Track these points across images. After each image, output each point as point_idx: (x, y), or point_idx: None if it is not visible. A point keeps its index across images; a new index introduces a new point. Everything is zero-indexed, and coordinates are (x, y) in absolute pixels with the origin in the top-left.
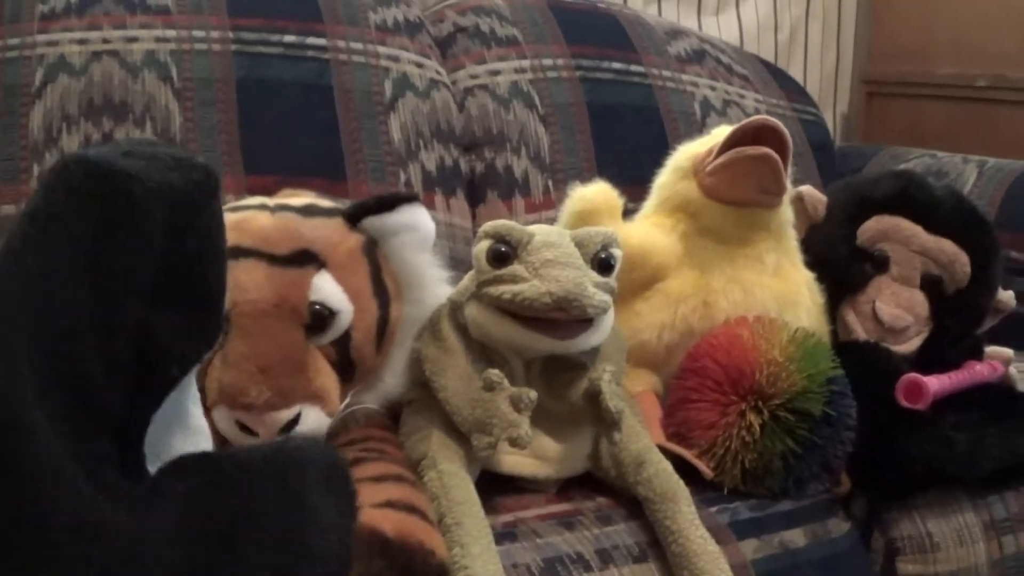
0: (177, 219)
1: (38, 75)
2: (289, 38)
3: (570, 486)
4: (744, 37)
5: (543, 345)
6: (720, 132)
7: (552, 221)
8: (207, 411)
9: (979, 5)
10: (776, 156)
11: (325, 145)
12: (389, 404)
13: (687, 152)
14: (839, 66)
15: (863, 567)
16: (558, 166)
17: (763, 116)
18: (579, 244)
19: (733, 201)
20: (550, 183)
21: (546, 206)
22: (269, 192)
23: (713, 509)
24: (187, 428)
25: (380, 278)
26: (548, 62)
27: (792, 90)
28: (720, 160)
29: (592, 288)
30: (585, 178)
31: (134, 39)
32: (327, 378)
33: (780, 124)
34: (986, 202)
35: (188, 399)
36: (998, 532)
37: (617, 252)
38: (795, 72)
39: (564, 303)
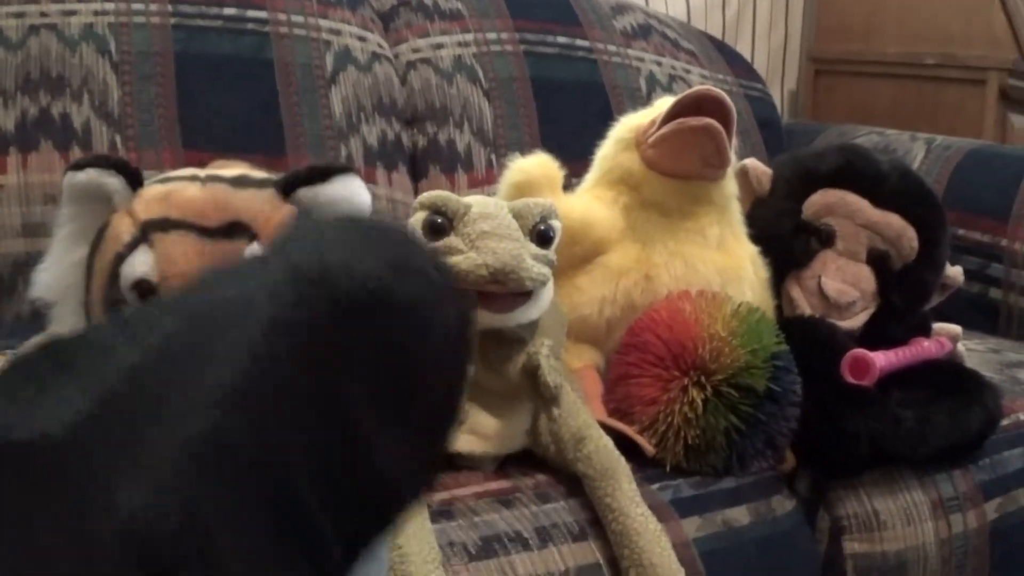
0: (413, 317)
1: None
2: (229, 11)
3: (508, 463)
4: (691, 13)
5: (480, 319)
6: (663, 103)
7: (495, 196)
8: None
9: None
10: (719, 127)
11: (264, 119)
12: None
13: (629, 124)
14: (787, 43)
15: (808, 546)
16: (501, 141)
17: (706, 87)
18: (517, 216)
19: (675, 173)
20: (493, 158)
21: (489, 181)
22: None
23: (655, 486)
24: (375, 559)
25: None
26: (492, 36)
27: (739, 66)
28: (662, 131)
29: (530, 260)
30: (528, 153)
31: (72, 12)
32: None
33: (723, 94)
34: (933, 180)
35: None
36: (946, 511)
37: (556, 224)
38: (742, 49)
39: (501, 275)
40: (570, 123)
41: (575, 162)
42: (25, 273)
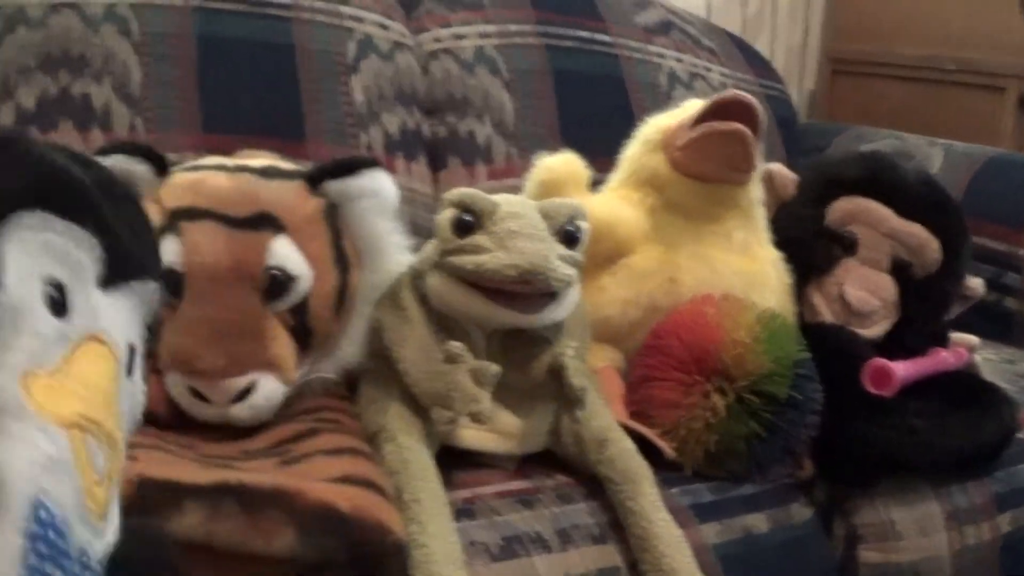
0: None
1: None
2: None
3: (529, 463)
4: (711, 9)
5: (506, 318)
6: (691, 105)
7: (514, 189)
8: (159, 375)
9: None
10: (748, 132)
11: (284, 105)
12: (345, 373)
13: (657, 125)
14: (806, 42)
15: (824, 553)
16: (521, 133)
17: (737, 91)
18: (545, 215)
19: (702, 176)
20: (513, 150)
21: (508, 173)
22: (225, 151)
23: (674, 491)
24: None
25: (340, 244)
26: (514, 28)
27: (758, 65)
28: (691, 135)
29: (557, 261)
30: (548, 146)
31: None
32: (283, 346)
33: (753, 100)
34: (951, 186)
35: None
36: (959, 522)
37: (584, 225)
38: (761, 47)
39: (528, 275)
40: (589, 118)
41: (594, 157)
42: None
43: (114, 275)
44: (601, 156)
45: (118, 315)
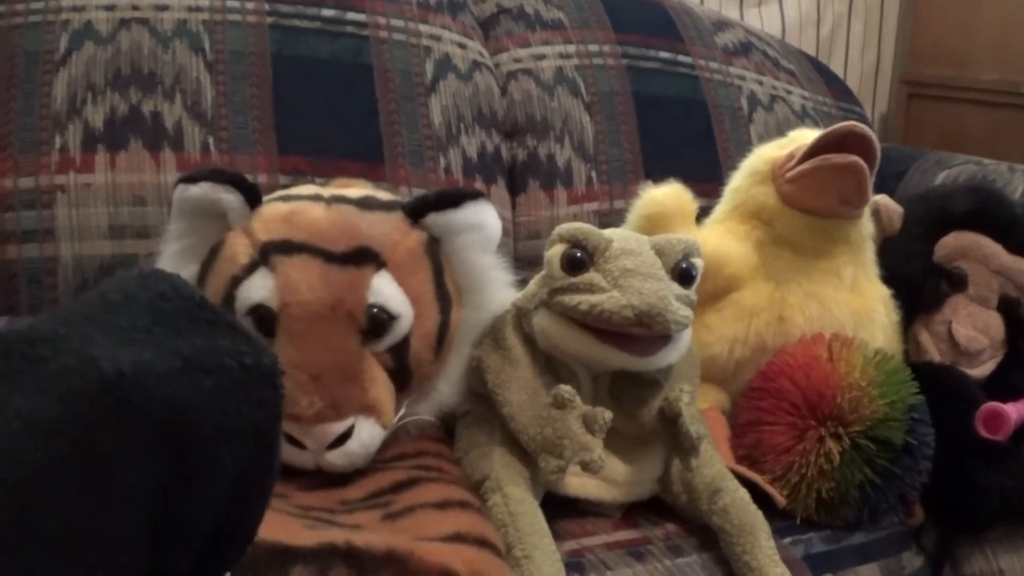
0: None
1: (62, 42)
2: (327, 12)
3: (635, 510)
4: (786, 30)
5: (619, 361)
6: (799, 136)
7: (595, 213)
8: None
9: None
10: (864, 165)
11: (362, 126)
12: (442, 414)
13: (764, 155)
14: (879, 65)
15: None
16: (602, 156)
17: (853, 123)
18: (659, 252)
19: (813, 210)
20: (593, 174)
21: (588, 198)
22: (301, 173)
23: (786, 540)
24: None
25: (442, 280)
26: (594, 48)
27: (837, 88)
28: (803, 167)
29: (675, 302)
30: (629, 170)
31: (165, 7)
32: (382, 388)
33: (870, 131)
34: None
35: None
36: None
37: (699, 262)
38: (835, 68)
39: (647, 318)
40: (670, 140)
41: (675, 181)
42: (110, 276)
43: None
44: (682, 179)
45: None
